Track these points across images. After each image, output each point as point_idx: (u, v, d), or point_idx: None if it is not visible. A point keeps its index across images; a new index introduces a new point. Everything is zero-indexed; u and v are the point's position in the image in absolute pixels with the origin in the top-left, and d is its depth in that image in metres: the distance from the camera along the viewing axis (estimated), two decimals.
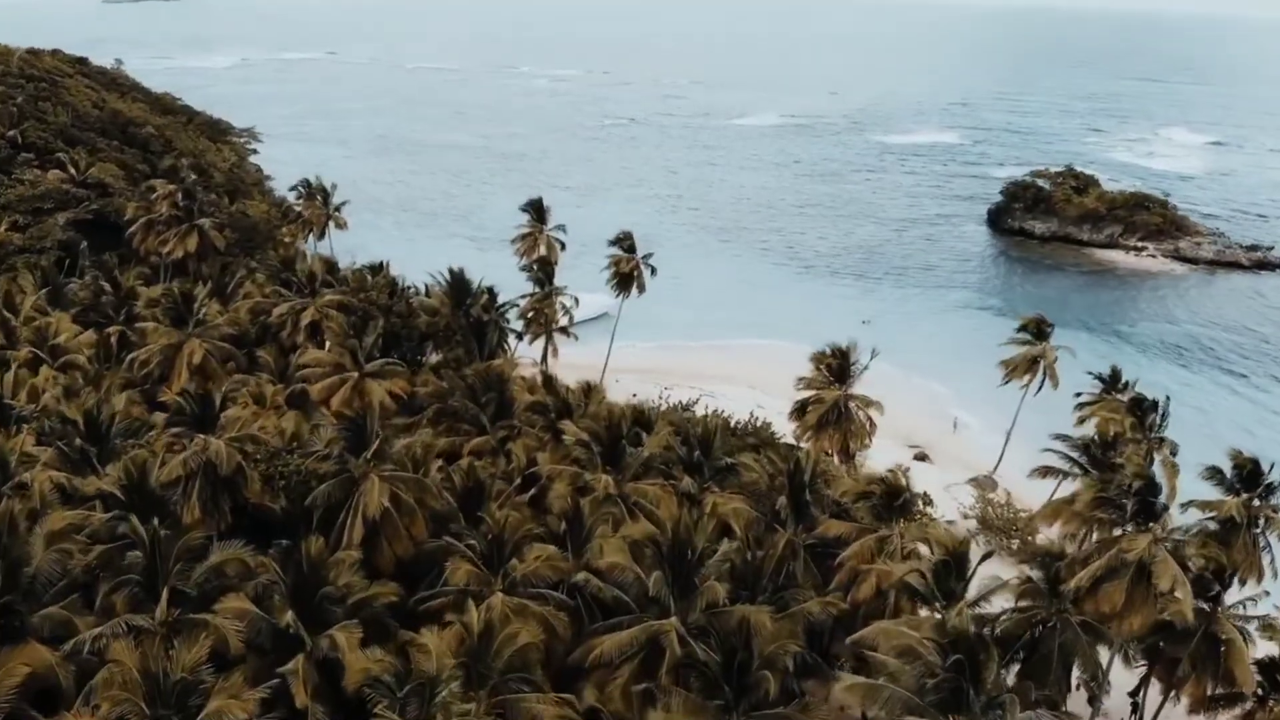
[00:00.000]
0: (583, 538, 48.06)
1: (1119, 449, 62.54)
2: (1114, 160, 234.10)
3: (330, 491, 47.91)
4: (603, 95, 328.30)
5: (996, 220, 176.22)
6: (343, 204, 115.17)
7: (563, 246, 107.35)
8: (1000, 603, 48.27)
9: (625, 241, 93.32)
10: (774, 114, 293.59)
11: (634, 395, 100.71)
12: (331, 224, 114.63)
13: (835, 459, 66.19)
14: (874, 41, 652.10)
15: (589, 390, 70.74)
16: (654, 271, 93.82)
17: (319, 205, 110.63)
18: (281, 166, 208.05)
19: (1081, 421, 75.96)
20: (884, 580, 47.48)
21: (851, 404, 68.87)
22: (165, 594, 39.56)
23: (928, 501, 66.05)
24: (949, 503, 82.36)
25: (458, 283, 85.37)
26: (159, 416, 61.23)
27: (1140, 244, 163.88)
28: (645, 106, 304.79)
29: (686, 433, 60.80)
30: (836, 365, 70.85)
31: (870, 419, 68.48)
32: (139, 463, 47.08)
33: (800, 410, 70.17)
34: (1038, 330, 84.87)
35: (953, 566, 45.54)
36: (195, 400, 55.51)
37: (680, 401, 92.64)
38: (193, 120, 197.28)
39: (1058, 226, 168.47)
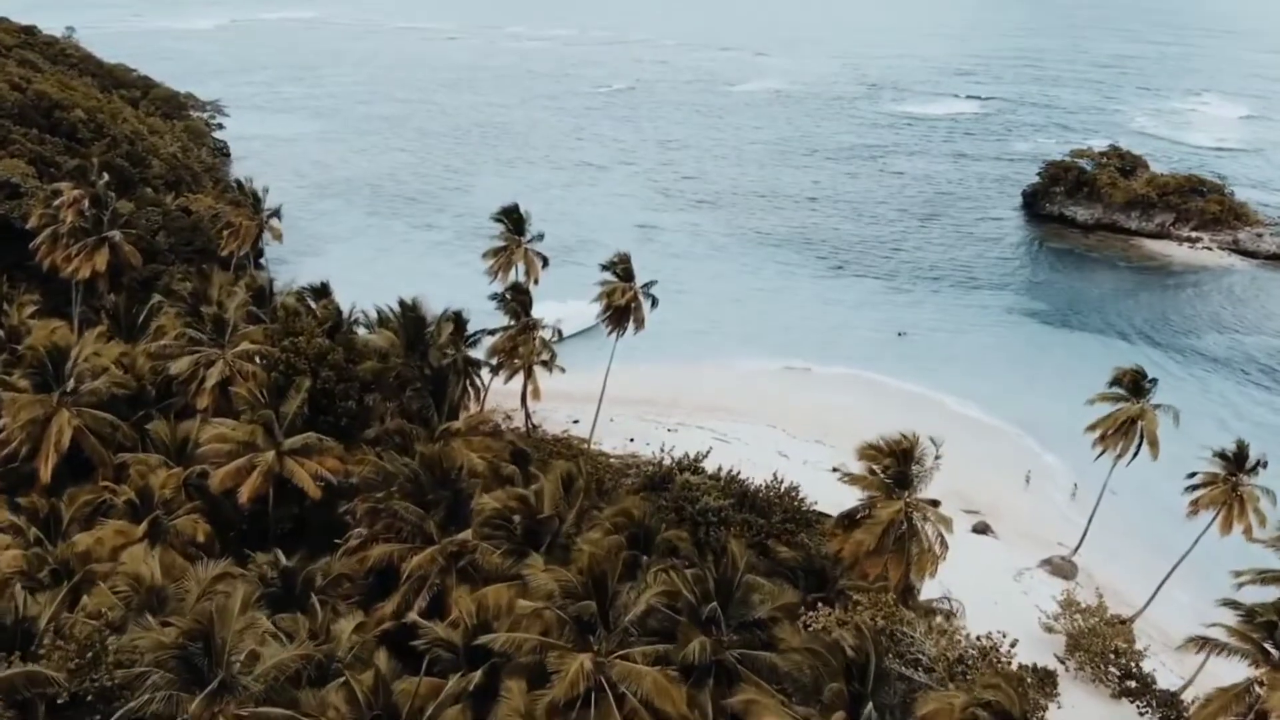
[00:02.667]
0: None
1: None
2: (1148, 133, 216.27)
3: None
4: (598, 58, 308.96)
5: (1033, 204, 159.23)
6: (277, 210, 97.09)
7: (544, 262, 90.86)
8: None
9: (620, 265, 76.21)
10: (777, 79, 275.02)
11: (630, 440, 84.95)
12: (269, 235, 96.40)
13: (891, 586, 49.68)
14: None
15: (570, 479, 54.47)
16: (655, 303, 76.63)
17: (248, 213, 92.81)
18: (250, 144, 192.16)
19: (1195, 513, 60.14)
20: None
21: (917, 518, 51.88)
22: None
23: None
24: (1021, 602, 66.33)
25: (411, 319, 68.90)
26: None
27: (1194, 234, 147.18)
28: (641, 71, 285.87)
29: (701, 573, 44.46)
30: (895, 467, 53.25)
31: (942, 536, 51.58)
32: None
33: (847, 522, 53.32)
34: (1134, 385, 68.18)
35: None
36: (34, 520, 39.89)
37: (686, 456, 76.37)
38: (148, 94, 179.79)
39: (1102, 213, 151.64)
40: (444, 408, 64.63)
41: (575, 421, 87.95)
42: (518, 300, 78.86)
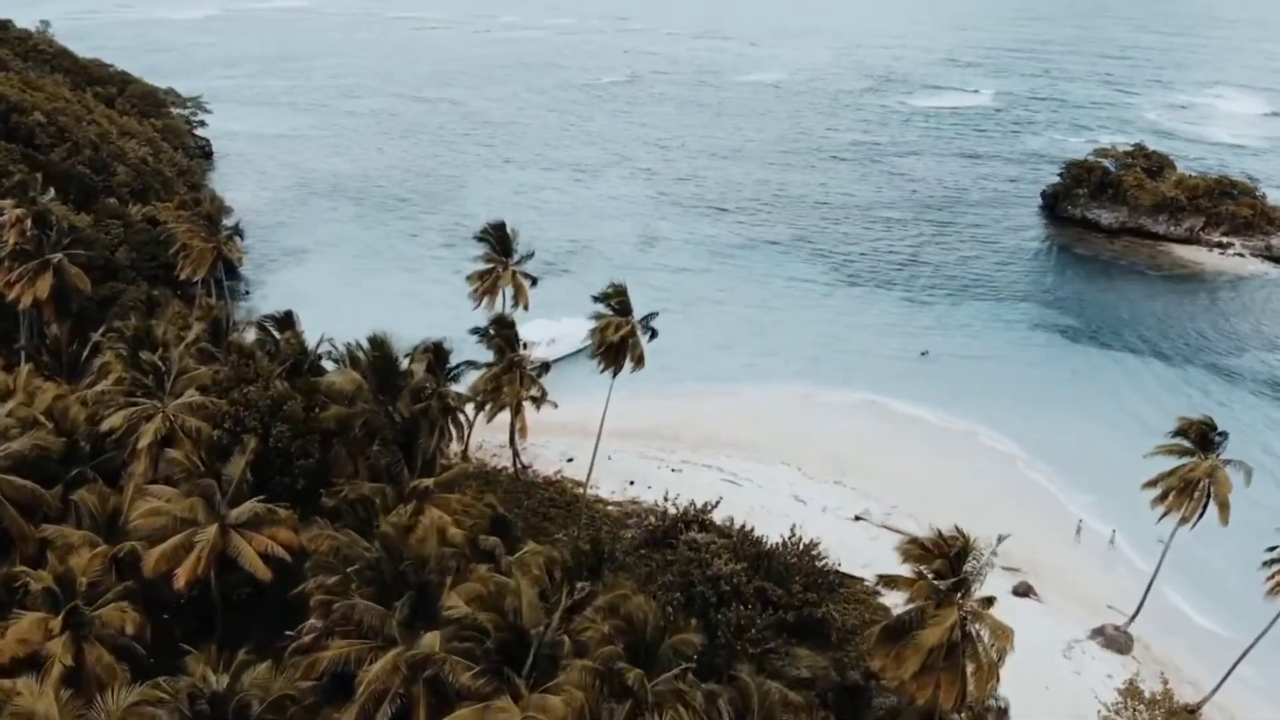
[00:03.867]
0: None
1: None
2: (1162, 129, 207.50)
3: None
4: (595, 48, 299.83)
5: (1054, 206, 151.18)
6: (237, 229, 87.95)
7: (533, 282, 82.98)
8: None
9: (615, 298, 67.82)
10: (777, 70, 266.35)
11: (630, 483, 77.06)
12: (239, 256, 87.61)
13: (943, 708, 41.72)
14: None
15: (555, 564, 46.70)
16: (653, 335, 68.17)
17: (203, 234, 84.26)
18: (234, 142, 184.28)
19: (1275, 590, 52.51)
20: None
21: (973, 627, 43.62)
22: None
23: None
24: (1074, 685, 58.53)
25: (379, 359, 60.94)
26: None
27: (1225, 239, 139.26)
28: (639, 62, 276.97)
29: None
30: (947, 570, 44.77)
31: (1002, 653, 43.25)
32: None
33: (893, 633, 44.94)
34: (1202, 439, 60.05)
35: None
36: None
37: (692, 506, 68.60)
38: (124, 91, 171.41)
39: (1128, 217, 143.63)
40: (416, 462, 56.87)
41: (569, 460, 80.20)
42: (501, 335, 70.84)
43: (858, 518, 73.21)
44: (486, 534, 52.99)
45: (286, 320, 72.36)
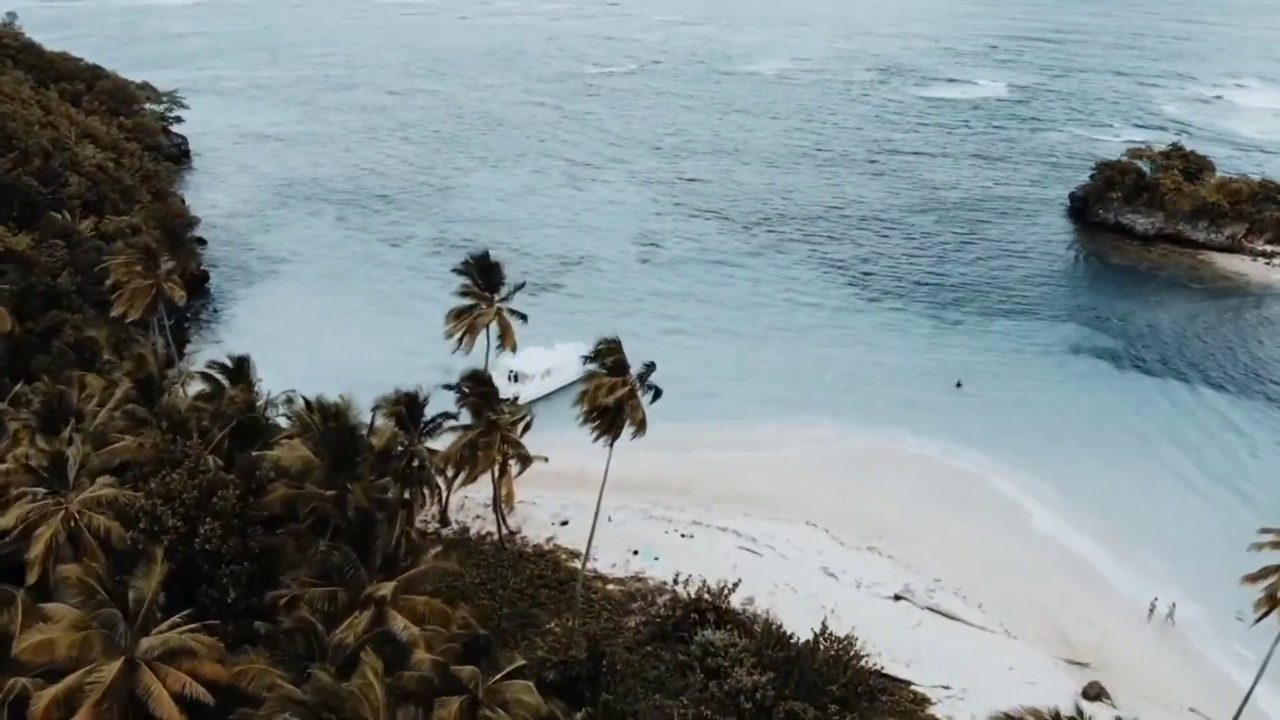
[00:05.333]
0: None
1: None
2: (1184, 123, 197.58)
3: None
4: (593, 34, 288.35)
5: (1084, 210, 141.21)
6: (172, 269, 75.94)
7: (524, 319, 73.12)
8: None
9: (608, 355, 57.04)
10: (783, 59, 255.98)
11: (634, 553, 67.34)
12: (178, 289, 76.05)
13: None
14: None
15: None
16: (657, 395, 57.37)
17: (140, 269, 73.12)
18: (213, 138, 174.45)
19: None
20: None
21: None
22: None
23: None
24: None
25: (335, 431, 51.09)
26: None
27: (1270, 248, 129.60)
28: (639, 50, 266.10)
29: None
30: None
31: None
32: None
33: None
34: None
35: None
36: None
37: (706, 590, 58.96)
38: (93, 88, 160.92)
39: (1165, 222, 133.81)
40: (374, 559, 47.09)
41: (564, 523, 70.30)
42: (478, 394, 60.83)
43: (898, 597, 63.57)
44: (461, 655, 43.30)
45: (238, 369, 62.47)
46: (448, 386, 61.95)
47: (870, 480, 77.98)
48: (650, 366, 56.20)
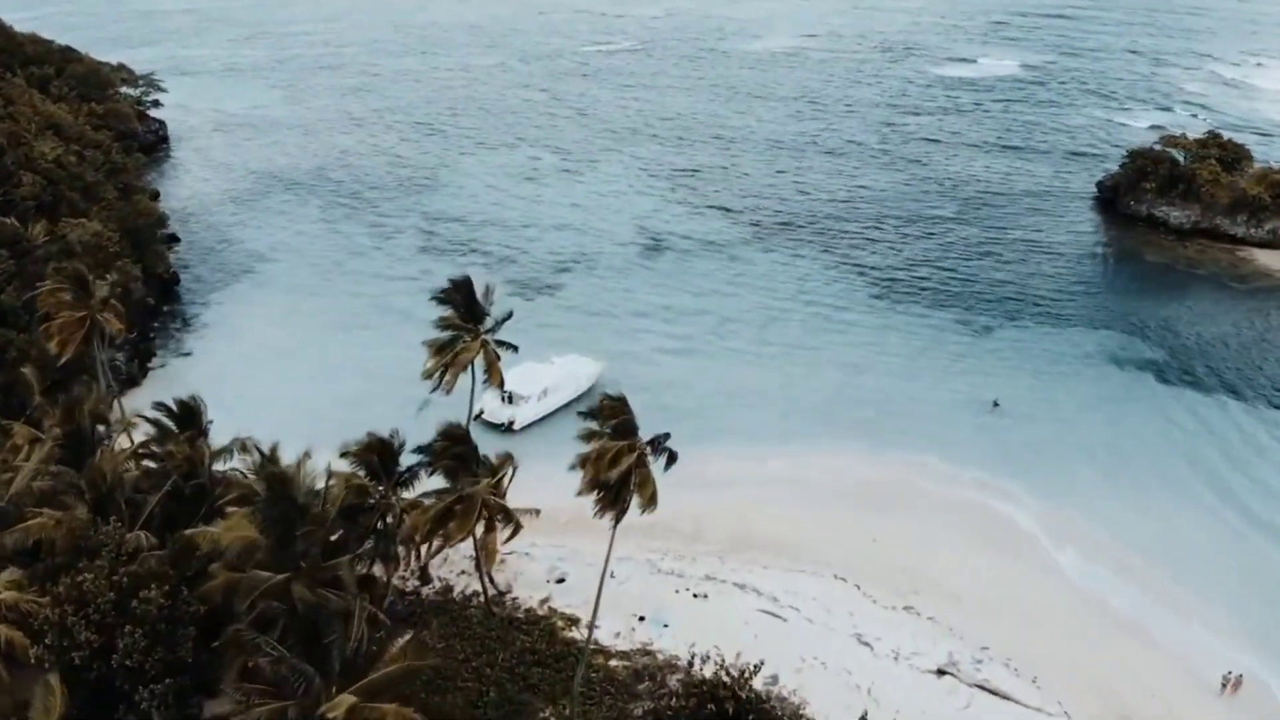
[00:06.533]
0: None
1: None
2: (1208, 105, 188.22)
3: None
4: (591, 8, 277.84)
5: (1114, 201, 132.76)
6: (109, 297, 65.89)
7: (514, 350, 65.10)
8: None
9: (613, 417, 46.44)
10: (789, 34, 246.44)
11: (640, 619, 59.51)
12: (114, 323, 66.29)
13: None
14: None
15: None
16: (672, 460, 48.53)
17: (68, 297, 63.58)
18: (194, 121, 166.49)
19: None
20: None
21: None
22: None
23: None
24: None
25: (280, 502, 42.96)
26: None
27: None
28: (639, 26, 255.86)
29: None
30: None
31: None
32: None
33: None
34: None
35: None
36: None
37: (724, 670, 51.04)
38: (64, 72, 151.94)
39: (1201, 216, 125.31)
40: (330, 663, 39.12)
41: (560, 580, 62.35)
42: (455, 456, 52.46)
43: (942, 671, 55.73)
44: None
45: (187, 414, 54.29)
46: (419, 450, 53.63)
47: (900, 518, 70.17)
48: (664, 437, 47.90)
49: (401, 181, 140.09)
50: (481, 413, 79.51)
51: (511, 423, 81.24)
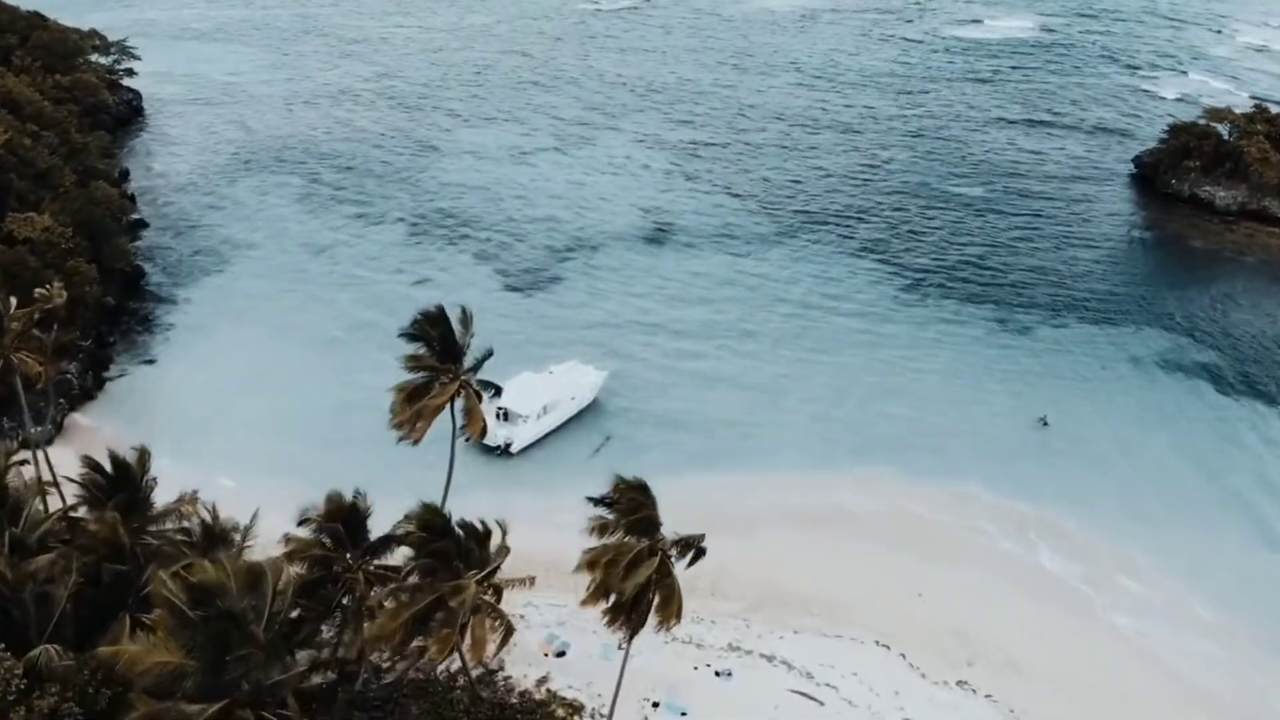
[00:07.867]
0: None
1: None
2: (1240, 74, 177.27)
3: None
4: None
5: (1153, 179, 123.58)
6: (24, 330, 56.04)
7: (496, 392, 56.66)
8: None
9: (632, 512, 37.96)
10: None
11: (654, 705, 51.29)
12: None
13: None
14: None
15: None
16: (697, 556, 40.02)
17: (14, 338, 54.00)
18: (172, 87, 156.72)
19: None
20: None
21: None
22: None
23: None
24: None
25: (215, 620, 34.45)
26: None
27: None
28: None
29: None
30: None
31: None
32: None
33: None
34: None
35: None
36: None
37: None
38: (28, 40, 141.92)
39: (1248, 197, 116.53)
40: None
41: (560, 654, 54.04)
42: (433, 552, 43.23)
43: None
44: None
45: (122, 476, 45.62)
46: (392, 539, 45.06)
47: (945, 565, 62.16)
48: (698, 538, 39.43)
49: (389, 159, 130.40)
50: None
51: (509, 445, 73.00)
